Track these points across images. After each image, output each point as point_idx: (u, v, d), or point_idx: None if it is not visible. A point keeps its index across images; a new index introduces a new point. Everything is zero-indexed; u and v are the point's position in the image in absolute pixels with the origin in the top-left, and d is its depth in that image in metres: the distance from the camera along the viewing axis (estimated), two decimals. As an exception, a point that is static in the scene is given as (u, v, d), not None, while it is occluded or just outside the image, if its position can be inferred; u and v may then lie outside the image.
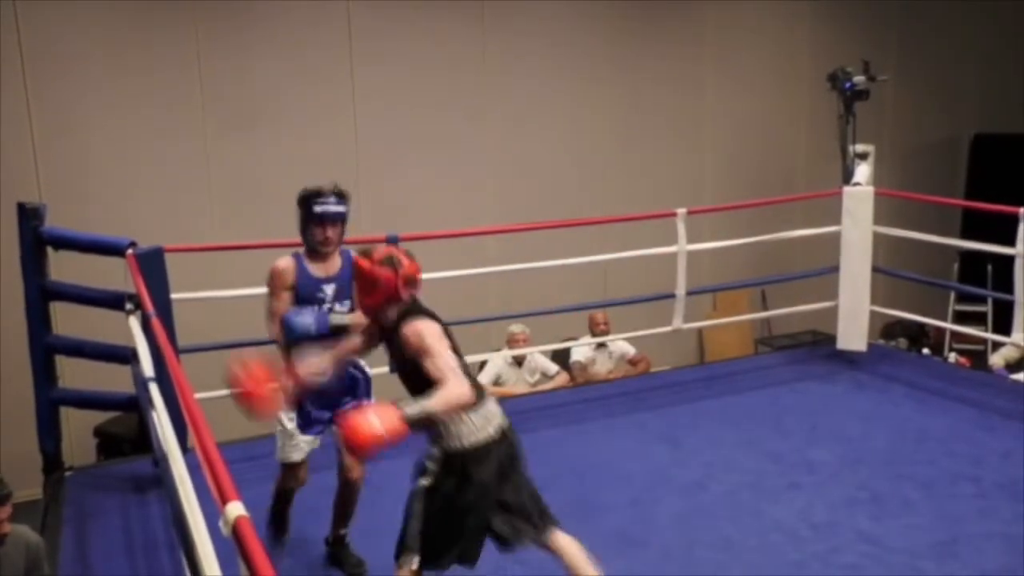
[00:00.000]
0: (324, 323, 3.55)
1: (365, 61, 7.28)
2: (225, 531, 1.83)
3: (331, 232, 3.59)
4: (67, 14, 6.39)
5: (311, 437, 3.71)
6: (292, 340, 3.51)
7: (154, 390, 3.32)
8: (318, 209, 3.56)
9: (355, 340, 3.25)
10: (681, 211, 5.89)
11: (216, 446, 2.23)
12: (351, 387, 3.73)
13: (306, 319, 3.54)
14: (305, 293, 3.60)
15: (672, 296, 5.97)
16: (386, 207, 7.27)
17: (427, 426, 2.89)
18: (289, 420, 3.66)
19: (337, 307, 3.63)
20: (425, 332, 2.90)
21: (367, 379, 3.79)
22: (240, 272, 5.87)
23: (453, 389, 2.76)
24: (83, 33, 6.49)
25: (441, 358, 2.85)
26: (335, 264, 3.67)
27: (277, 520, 3.86)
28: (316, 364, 3.22)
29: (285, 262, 3.65)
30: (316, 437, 3.73)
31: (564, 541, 3.18)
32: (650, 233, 6.02)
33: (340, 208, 3.61)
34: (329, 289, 3.63)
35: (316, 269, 3.63)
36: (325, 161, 7.30)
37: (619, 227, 6.47)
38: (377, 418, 2.55)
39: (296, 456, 3.72)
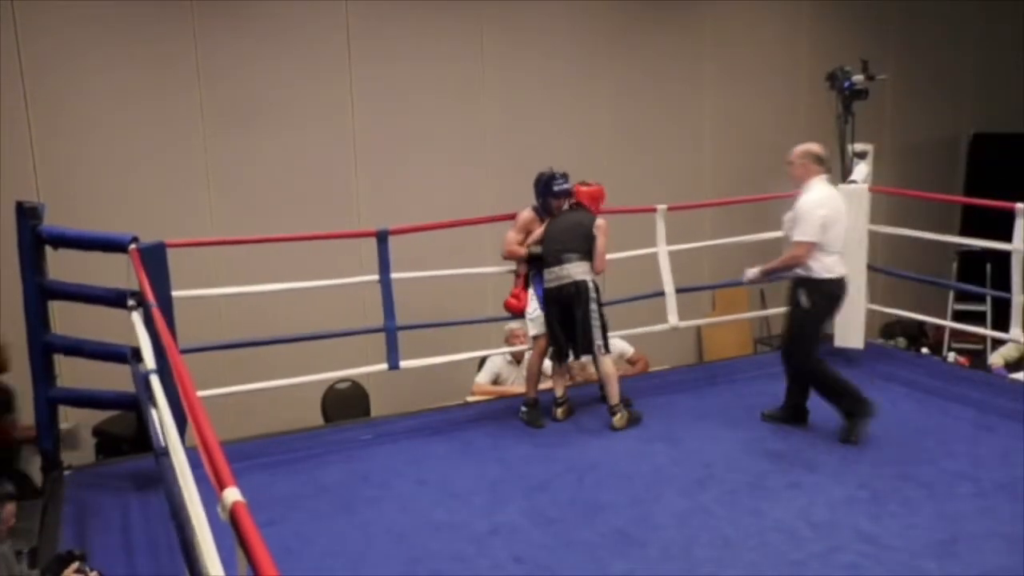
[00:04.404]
0: None
1: (363, 58, 7.28)
2: (223, 516, 1.82)
3: (563, 202, 5.33)
4: (65, 12, 6.38)
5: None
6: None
7: (155, 383, 3.30)
8: (557, 188, 5.26)
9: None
10: (661, 207, 5.92)
11: (215, 435, 2.22)
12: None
13: None
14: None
15: (662, 294, 6.00)
16: (384, 204, 7.27)
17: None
18: (533, 312, 5.34)
19: None
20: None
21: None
22: (239, 272, 5.88)
23: None
24: (81, 31, 6.47)
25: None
26: None
27: (533, 382, 5.45)
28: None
29: (530, 214, 5.38)
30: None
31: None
32: (651, 230, 6.03)
33: (569, 186, 5.31)
34: None
35: None
36: (323, 157, 7.30)
37: (619, 224, 6.46)
38: None
39: (537, 331, 5.36)
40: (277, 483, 4.54)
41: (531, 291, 5.38)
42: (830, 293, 4.95)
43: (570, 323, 5.15)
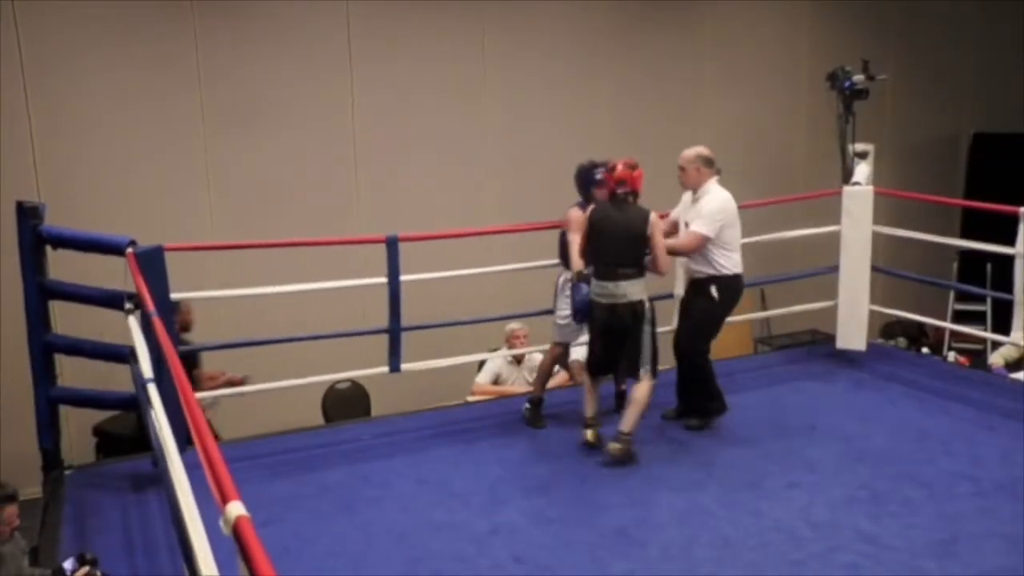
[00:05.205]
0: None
1: (363, 58, 7.28)
2: (225, 531, 1.83)
3: (605, 190, 4.92)
4: (66, 12, 6.38)
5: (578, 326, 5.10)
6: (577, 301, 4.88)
7: (152, 391, 3.31)
8: (597, 176, 5.01)
9: None
10: (677, 209, 5.89)
11: (216, 445, 2.22)
12: None
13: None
14: None
15: (671, 296, 5.98)
16: (385, 205, 7.27)
17: None
18: (564, 319, 5.17)
19: None
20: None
21: None
22: (239, 271, 5.88)
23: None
24: (82, 31, 6.48)
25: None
26: None
27: (543, 382, 5.38)
28: None
29: (580, 212, 5.04)
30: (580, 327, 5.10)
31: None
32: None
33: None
34: None
35: None
36: (324, 159, 7.30)
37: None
38: None
39: (575, 339, 5.28)
40: (277, 483, 4.54)
41: (565, 296, 5.13)
42: (737, 288, 5.12)
43: (619, 344, 4.72)
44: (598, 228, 4.73)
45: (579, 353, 6.40)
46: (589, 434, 4.82)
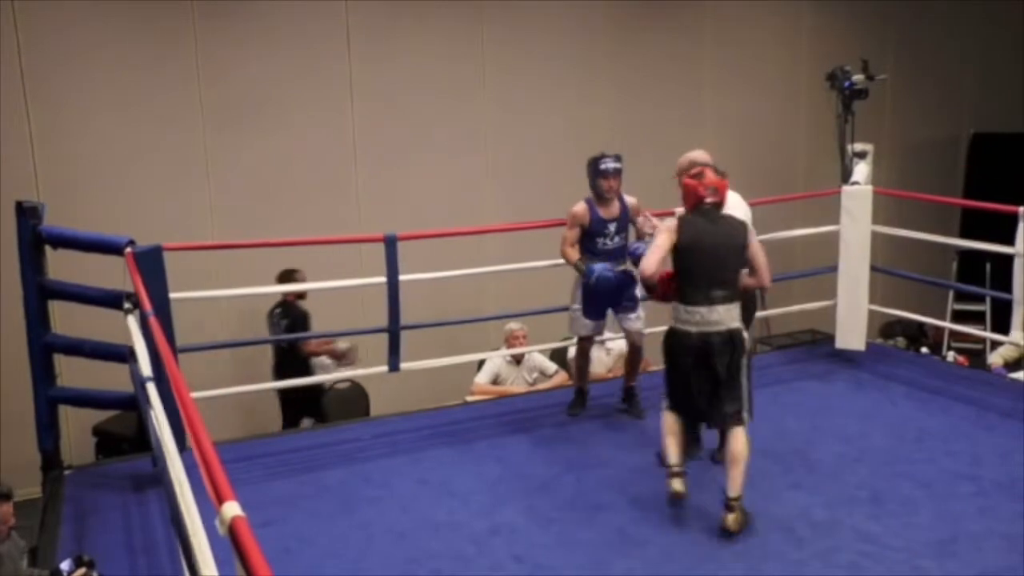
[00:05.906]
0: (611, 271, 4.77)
1: (363, 58, 7.28)
2: (221, 531, 1.83)
3: (613, 182, 4.84)
4: (65, 12, 6.38)
5: (591, 323, 5.07)
6: (592, 283, 4.75)
7: (152, 390, 3.31)
8: (602, 166, 4.83)
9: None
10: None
11: (213, 446, 2.22)
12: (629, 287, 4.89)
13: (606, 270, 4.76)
14: (594, 229, 4.90)
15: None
16: (384, 204, 7.26)
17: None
18: (574, 310, 5.04)
19: (616, 239, 4.92)
20: (659, 227, 4.24)
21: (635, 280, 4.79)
22: (239, 271, 5.88)
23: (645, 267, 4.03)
24: (81, 31, 6.47)
25: (651, 245, 4.13)
26: (615, 208, 4.93)
27: (581, 375, 5.29)
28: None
29: (581, 207, 4.92)
30: (596, 323, 5.08)
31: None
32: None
33: (617, 165, 4.86)
34: (612, 226, 4.93)
35: (602, 212, 4.92)
36: (323, 158, 7.30)
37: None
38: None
39: (584, 332, 5.12)
40: (277, 483, 4.54)
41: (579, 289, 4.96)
42: (752, 296, 4.70)
43: (711, 379, 4.01)
44: (693, 244, 3.97)
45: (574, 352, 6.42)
46: (678, 483, 4.02)
